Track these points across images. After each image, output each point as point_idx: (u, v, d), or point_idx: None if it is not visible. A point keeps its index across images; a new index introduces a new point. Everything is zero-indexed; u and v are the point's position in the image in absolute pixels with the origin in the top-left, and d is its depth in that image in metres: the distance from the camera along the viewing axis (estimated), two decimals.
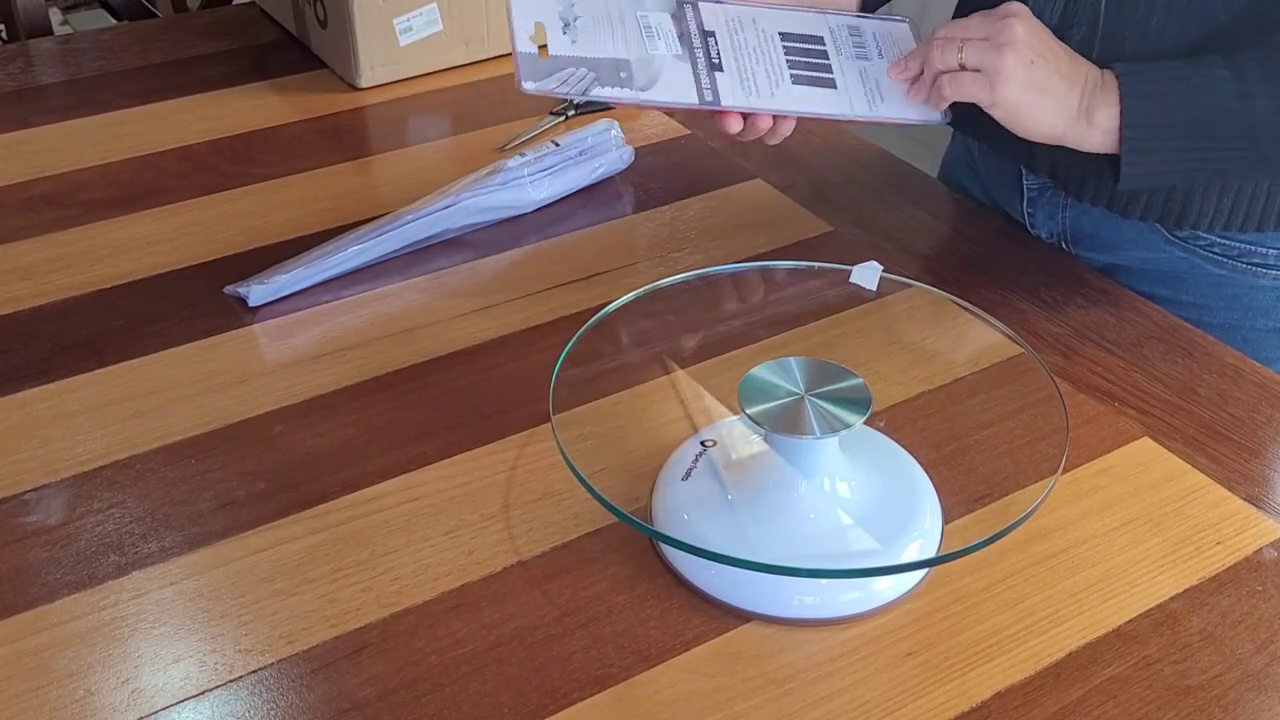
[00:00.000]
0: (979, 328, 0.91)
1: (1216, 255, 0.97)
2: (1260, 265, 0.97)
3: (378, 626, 0.69)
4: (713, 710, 0.64)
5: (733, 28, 0.89)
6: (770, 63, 0.88)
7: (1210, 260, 0.97)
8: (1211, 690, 0.66)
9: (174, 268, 1.00)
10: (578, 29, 0.86)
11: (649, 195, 1.10)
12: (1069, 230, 1.03)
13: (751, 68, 0.87)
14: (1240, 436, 0.83)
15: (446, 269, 0.99)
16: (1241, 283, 0.98)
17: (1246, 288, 0.98)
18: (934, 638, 0.68)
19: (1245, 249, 0.96)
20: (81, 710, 0.64)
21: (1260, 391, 0.87)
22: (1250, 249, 0.96)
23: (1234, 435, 0.83)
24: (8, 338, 0.91)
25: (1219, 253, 0.97)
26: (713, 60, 0.87)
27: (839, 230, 1.04)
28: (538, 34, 0.85)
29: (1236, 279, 0.97)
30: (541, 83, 0.82)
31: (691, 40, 0.88)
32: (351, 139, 1.21)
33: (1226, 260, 0.97)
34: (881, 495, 0.74)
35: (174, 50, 1.38)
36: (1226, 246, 0.96)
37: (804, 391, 0.71)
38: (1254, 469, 0.80)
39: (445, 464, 0.80)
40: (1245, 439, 0.83)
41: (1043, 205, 1.03)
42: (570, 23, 0.86)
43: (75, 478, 0.79)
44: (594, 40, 0.85)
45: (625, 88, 0.84)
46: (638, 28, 0.87)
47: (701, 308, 0.92)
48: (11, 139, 1.19)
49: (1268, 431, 0.83)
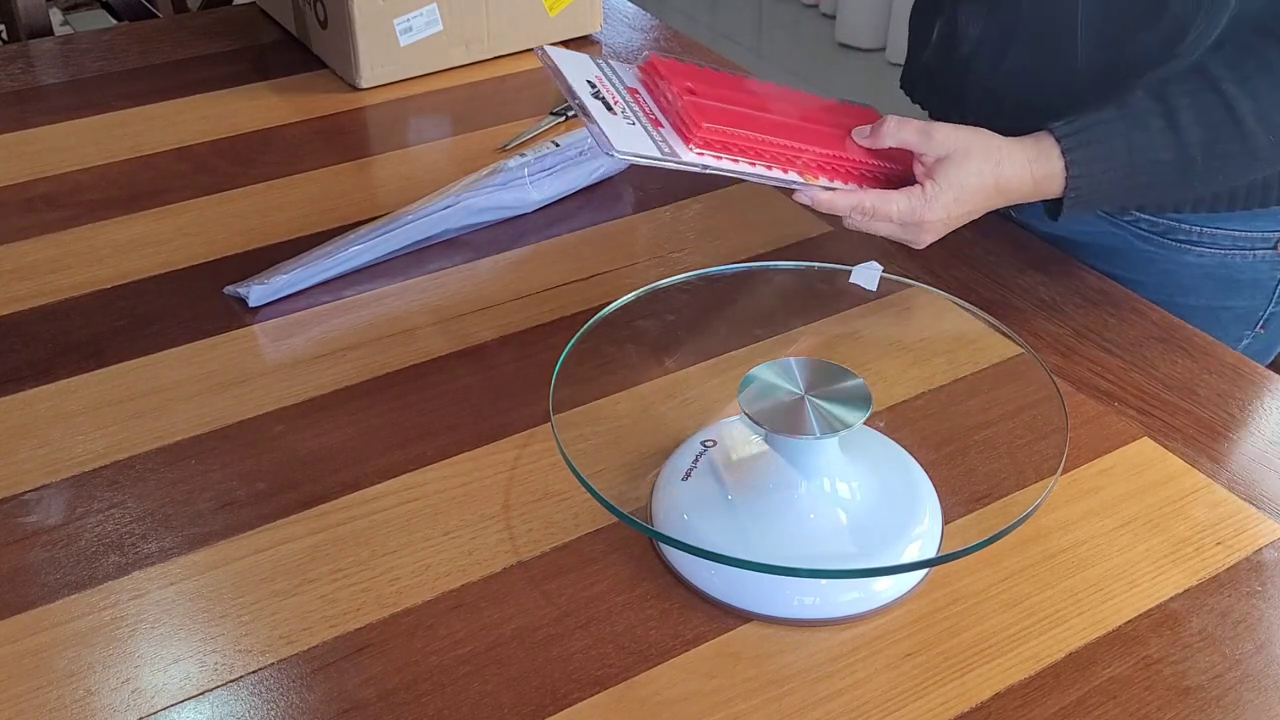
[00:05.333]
0: (979, 328, 0.91)
1: (1144, 232, 1.01)
2: (1184, 242, 1.00)
3: (378, 627, 0.69)
4: (713, 710, 0.64)
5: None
6: None
7: (1139, 237, 1.01)
8: (1211, 690, 0.66)
9: (174, 268, 1.00)
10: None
11: (649, 195, 1.10)
12: None
13: None
14: (1240, 436, 0.83)
15: (446, 269, 0.99)
16: (1170, 259, 1.01)
17: (1174, 264, 1.01)
18: (934, 638, 0.68)
19: (1170, 226, 0.99)
20: (81, 710, 0.64)
21: (1260, 391, 0.87)
22: (1174, 225, 0.99)
23: (1234, 435, 0.83)
24: (8, 338, 0.91)
25: (1146, 229, 1.01)
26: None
27: (839, 230, 1.04)
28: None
29: (1165, 255, 1.01)
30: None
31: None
32: (351, 139, 1.21)
33: (1154, 236, 1.00)
34: (881, 495, 0.74)
35: (174, 50, 1.38)
36: (1152, 223, 1.00)
37: (804, 391, 0.71)
38: (1254, 469, 0.80)
39: (445, 464, 0.80)
40: (1245, 439, 0.83)
41: None
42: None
43: (75, 478, 0.79)
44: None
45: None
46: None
47: (701, 308, 0.92)
48: (11, 139, 1.19)
49: (1267, 432, 0.83)
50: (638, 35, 1.43)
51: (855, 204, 0.83)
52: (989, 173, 0.84)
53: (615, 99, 0.83)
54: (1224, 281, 1.01)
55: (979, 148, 0.84)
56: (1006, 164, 0.84)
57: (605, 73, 0.86)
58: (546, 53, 0.86)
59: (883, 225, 0.85)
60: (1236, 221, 0.98)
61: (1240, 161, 0.85)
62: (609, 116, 0.81)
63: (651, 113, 0.84)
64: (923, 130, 0.84)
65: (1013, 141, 0.85)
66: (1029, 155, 0.84)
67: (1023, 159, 0.84)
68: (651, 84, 0.86)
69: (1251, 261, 1.00)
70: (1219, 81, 0.83)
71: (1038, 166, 0.84)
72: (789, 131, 0.85)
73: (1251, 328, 1.05)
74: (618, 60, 0.89)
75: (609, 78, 0.86)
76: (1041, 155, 0.84)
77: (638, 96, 0.85)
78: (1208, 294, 1.01)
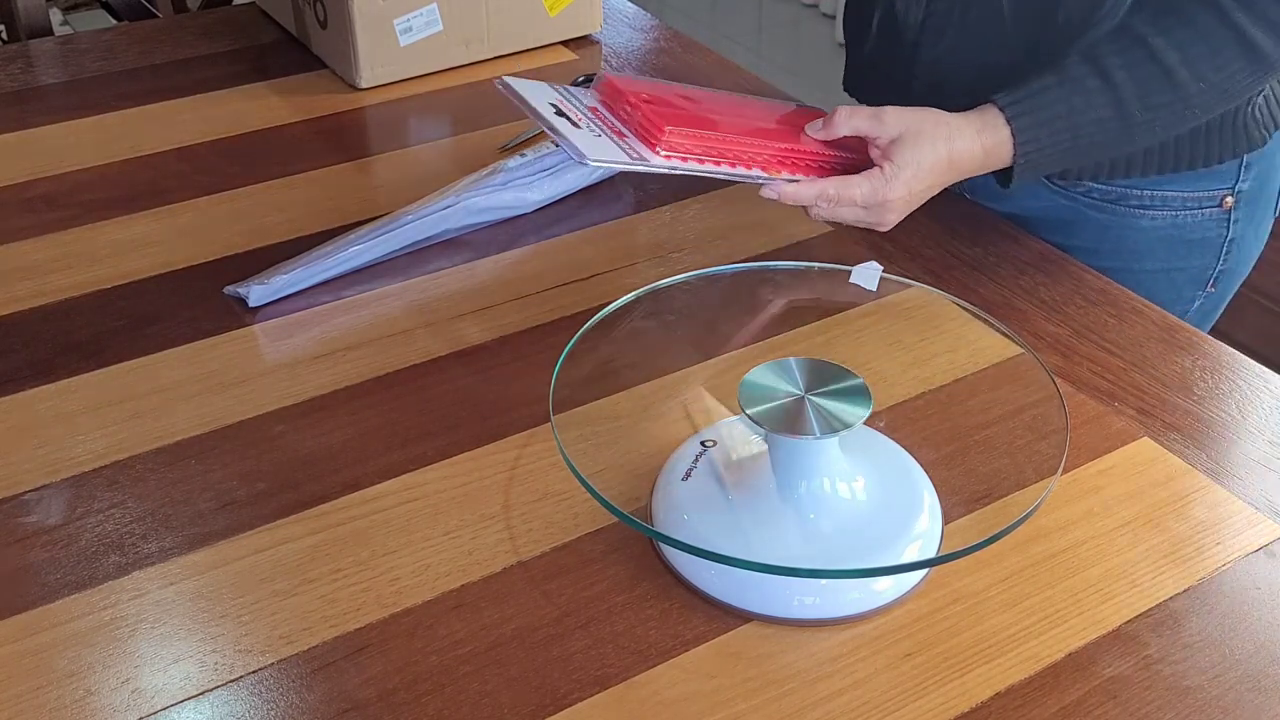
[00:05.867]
0: (979, 328, 0.91)
1: (1097, 201, 1.04)
2: (1137, 207, 1.03)
3: (378, 627, 0.69)
4: (713, 710, 0.64)
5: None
6: None
7: (1092, 207, 1.04)
8: (1211, 690, 0.66)
9: (174, 268, 1.00)
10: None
11: (649, 195, 1.10)
12: (966, 180, 1.08)
13: None
14: (1240, 436, 0.83)
15: (446, 269, 0.99)
16: (1124, 225, 1.04)
17: (1129, 230, 1.05)
18: (934, 638, 0.68)
19: (1122, 193, 1.03)
20: (81, 710, 0.64)
21: (1260, 391, 0.87)
22: (1126, 192, 1.03)
23: (1234, 435, 0.83)
24: (8, 338, 0.91)
25: (1099, 198, 1.04)
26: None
27: (839, 230, 1.04)
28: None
29: (1119, 222, 1.04)
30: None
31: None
32: (351, 139, 1.21)
33: (1107, 205, 1.04)
34: (881, 495, 0.74)
35: (174, 50, 1.38)
36: (1105, 192, 1.03)
37: (804, 391, 0.71)
38: (1254, 469, 0.80)
39: (445, 464, 0.80)
40: (1245, 439, 0.83)
41: None
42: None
43: (75, 478, 0.79)
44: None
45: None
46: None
47: (701, 308, 0.92)
48: (11, 139, 1.19)
49: (1267, 431, 0.83)
50: (638, 35, 1.43)
51: (819, 192, 0.86)
52: (942, 148, 0.87)
53: (579, 117, 0.87)
54: (1176, 243, 1.05)
55: (929, 125, 0.88)
56: (957, 138, 0.88)
57: (565, 96, 0.91)
58: (507, 83, 0.91)
59: (847, 210, 0.88)
60: (1183, 183, 1.02)
61: (1174, 110, 0.88)
62: (576, 131, 0.85)
63: (615, 126, 0.87)
64: (873, 115, 0.87)
65: (960, 116, 0.89)
66: (976, 127, 0.88)
67: (971, 131, 0.88)
68: (610, 102, 0.90)
69: (1200, 221, 1.04)
70: (1145, 37, 0.87)
71: (986, 137, 0.88)
72: (747, 132, 0.88)
73: (1203, 287, 1.09)
74: (578, 86, 0.93)
75: (569, 99, 0.90)
76: (988, 126, 0.88)
77: (598, 114, 0.89)
78: (1161, 257, 1.06)
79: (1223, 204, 1.04)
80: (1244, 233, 1.06)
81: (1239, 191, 1.04)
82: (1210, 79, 0.87)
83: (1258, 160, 1.03)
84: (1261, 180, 1.05)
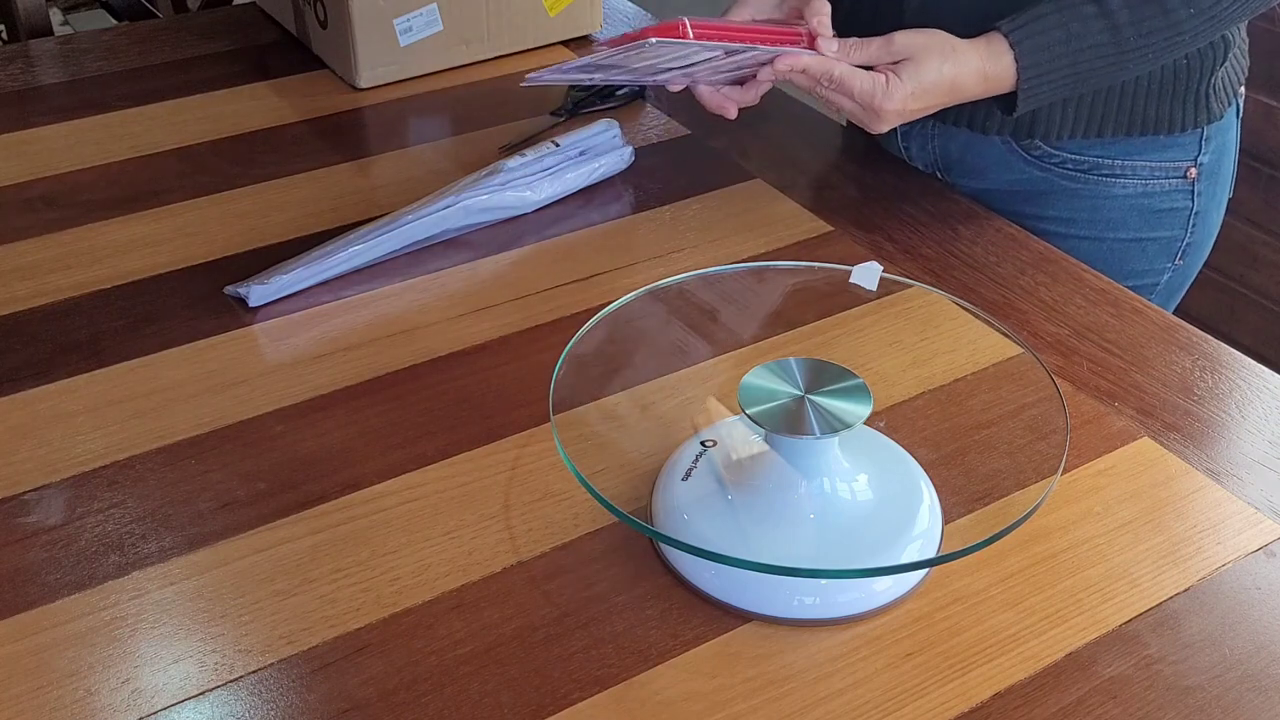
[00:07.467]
0: (979, 328, 0.91)
1: (1070, 171, 1.07)
2: (1109, 176, 1.07)
3: (378, 626, 0.69)
4: (713, 710, 0.64)
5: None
6: None
7: (1065, 177, 1.07)
8: (1211, 690, 0.66)
9: (174, 268, 1.00)
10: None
11: (649, 195, 1.10)
12: (940, 158, 1.13)
13: None
14: (1240, 436, 0.83)
15: (446, 269, 0.99)
16: (1097, 194, 1.08)
17: (1102, 199, 1.08)
18: (934, 638, 0.68)
19: (1095, 162, 1.06)
20: (81, 710, 0.64)
21: (1260, 391, 0.87)
22: (1099, 161, 1.06)
23: (1234, 435, 0.83)
24: (8, 338, 0.91)
25: (1072, 168, 1.07)
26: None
27: (839, 230, 1.04)
28: None
29: (1091, 191, 1.07)
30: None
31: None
32: (351, 139, 1.21)
33: (1080, 174, 1.07)
34: (881, 495, 0.74)
35: (174, 50, 1.38)
36: (1078, 161, 1.07)
37: (804, 391, 0.71)
38: (1254, 469, 0.80)
39: (445, 464, 0.80)
40: (1245, 439, 0.83)
41: (915, 136, 1.13)
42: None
43: (75, 478, 0.79)
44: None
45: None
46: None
47: (701, 308, 0.92)
48: (11, 139, 1.19)
49: (1267, 431, 0.83)
50: None
51: (826, 70, 0.92)
52: (946, 70, 0.92)
53: (611, 53, 0.91)
54: (1146, 212, 1.08)
55: (936, 47, 0.92)
56: (961, 62, 0.92)
57: (582, 59, 0.94)
58: (531, 80, 0.94)
59: (845, 101, 0.93)
60: (1150, 152, 1.06)
61: (1165, 36, 0.93)
62: (622, 51, 0.89)
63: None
64: (884, 42, 0.92)
65: (966, 41, 0.93)
66: (980, 54, 0.93)
67: (975, 57, 0.93)
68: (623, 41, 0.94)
69: (1168, 190, 1.08)
70: None
71: (989, 64, 0.93)
72: (759, 29, 0.94)
73: (1172, 260, 1.12)
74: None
75: (587, 58, 0.94)
76: (992, 53, 0.93)
77: (619, 45, 0.92)
78: (1134, 226, 1.09)
79: (1187, 174, 1.08)
80: (1206, 206, 1.10)
81: (1201, 164, 1.08)
82: (1200, 5, 0.91)
83: (1216, 134, 1.07)
84: (1219, 154, 1.09)
